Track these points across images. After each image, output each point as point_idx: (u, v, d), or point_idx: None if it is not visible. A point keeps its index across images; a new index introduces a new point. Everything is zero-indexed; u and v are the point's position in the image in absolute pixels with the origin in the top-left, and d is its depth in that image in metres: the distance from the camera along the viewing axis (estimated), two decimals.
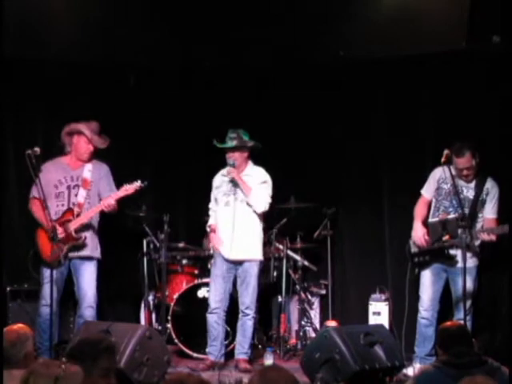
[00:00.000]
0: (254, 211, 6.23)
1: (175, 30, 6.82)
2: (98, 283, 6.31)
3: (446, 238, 5.89)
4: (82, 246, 6.17)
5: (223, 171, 6.38)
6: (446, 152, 5.68)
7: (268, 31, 6.72)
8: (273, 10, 6.65)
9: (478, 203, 5.98)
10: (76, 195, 6.22)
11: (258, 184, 6.23)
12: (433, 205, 6.18)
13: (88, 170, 6.28)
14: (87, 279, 6.21)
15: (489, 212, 6.01)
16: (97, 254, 6.29)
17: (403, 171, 6.87)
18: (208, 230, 6.49)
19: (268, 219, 6.49)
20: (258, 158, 6.39)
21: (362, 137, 7.14)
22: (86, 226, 6.20)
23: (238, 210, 6.21)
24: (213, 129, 6.71)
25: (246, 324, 6.23)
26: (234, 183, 6.24)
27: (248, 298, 6.22)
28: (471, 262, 5.91)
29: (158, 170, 7.57)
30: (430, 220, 6.04)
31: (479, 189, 6.00)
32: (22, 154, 5.91)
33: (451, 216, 5.89)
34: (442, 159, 5.69)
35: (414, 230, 6.16)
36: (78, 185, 6.25)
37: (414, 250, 6.15)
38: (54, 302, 5.95)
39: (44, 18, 6.45)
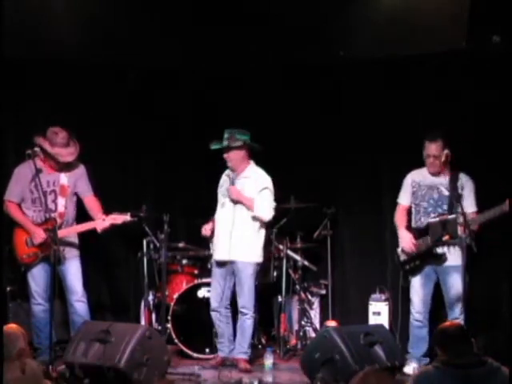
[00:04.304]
0: (261, 220, 6.21)
1: (175, 30, 6.81)
2: (97, 282, 6.30)
3: (445, 238, 5.89)
4: (60, 258, 6.08)
5: (227, 171, 6.37)
6: (446, 152, 5.68)
7: (268, 31, 6.72)
8: (273, 10, 6.65)
9: (454, 199, 5.99)
10: (53, 201, 6.16)
11: (258, 191, 6.19)
12: (413, 210, 6.23)
13: (64, 175, 6.22)
14: (73, 274, 6.17)
15: (469, 206, 5.97)
16: (77, 253, 6.26)
17: (403, 171, 6.86)
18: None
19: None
20: (258, 158, 6.38)
21: (362, 136, 7.14)
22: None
23: (234, 211, 6.20)
24: (213, 129, 6.71)
25: (245, 323, 6.23)
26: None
27: (244, 298, 6.20)
28: (458, 260, 5.90)
29: (158, 169, 7.57)
30: (431, 220, 6.04)
31: (453, 184, 6.03)
32: (22, 154, 5.92)
33: (451, 216, 5.90)
34: (442, 159, 5.69)
35: (400, 238, 6.20)
36: (54, 190, 6.18)
37: (403, 258, 6.17)
38: (43, 298, 6.02)
39: (44, 18, 6.45)
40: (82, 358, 5.36)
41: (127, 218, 6.18)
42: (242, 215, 6.19)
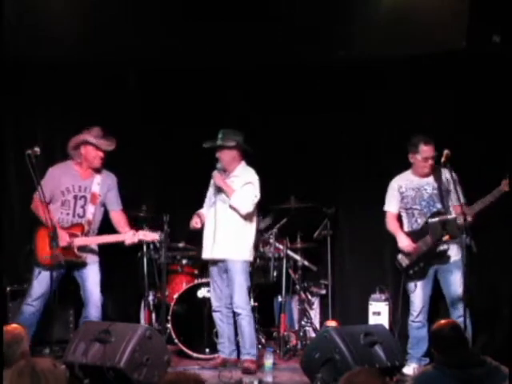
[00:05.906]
0: (238, 213, 6.18)
1: (175, 30, 6.81)
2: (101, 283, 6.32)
3: (446, 238, 5.88)
4: (81, 264, 6.16)
5: (216, 172, 6.39)
6: (446, 152, 5.68)
7: (268, 31, 6.72)
8: (272, 10, 6.64)
9: (443, 195, 6.04)
10: (82, 207, 6.20)
11: (241, 185, 6.19)
12: (404, 214, 6.22)
13: (97, 183, 6.26)
14: (92, 280, 6.21)
15: (456, 199, 5.97)
16: (97, 258, 6.29)
17: (403, 171, 6.85)
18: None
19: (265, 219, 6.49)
20: (258, 159, 6.38)
21: (362, 137, 7.14)
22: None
23: (221, 211, 6.21)
24: (213, 129, 6.71)
25: (241, 324, 6.20)
26: (219, 187, 6.25)
27: (236, 297, 6.18)
28: (457, 255, 5.93)
29: (159, 169, 7.57)
30: (430, 220, 6.03)
31: (439, 181, 6.07)
32: (22, 154, 5.92)
33: (451, 216, 5.89)
34: (442, 159, 5.69)
35: (399, 242, 6.16)
36: (84, 196, 6.21)
37: (405, 263, 6.14)
38: (39, 300, 6.00)
39: (44, 18, 6.45)
40: (82, 358, 5.36)
41: (156, 237, 6.25)
42: (227, 214, 6.19)
